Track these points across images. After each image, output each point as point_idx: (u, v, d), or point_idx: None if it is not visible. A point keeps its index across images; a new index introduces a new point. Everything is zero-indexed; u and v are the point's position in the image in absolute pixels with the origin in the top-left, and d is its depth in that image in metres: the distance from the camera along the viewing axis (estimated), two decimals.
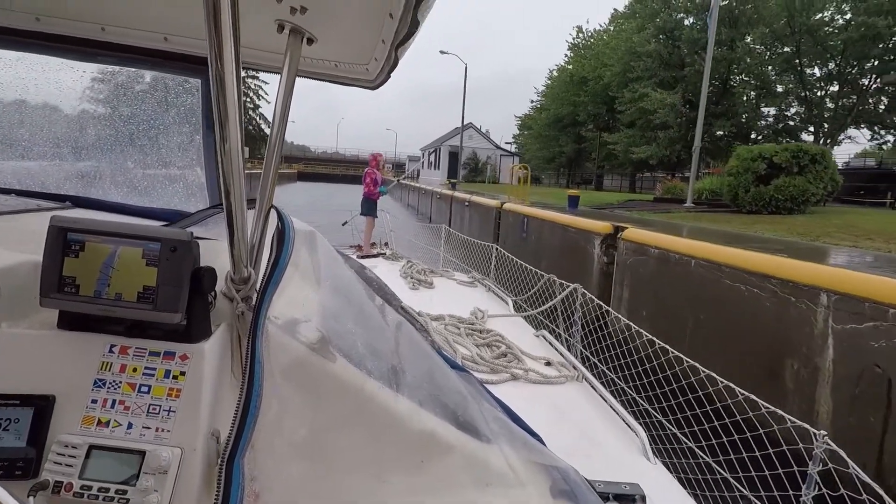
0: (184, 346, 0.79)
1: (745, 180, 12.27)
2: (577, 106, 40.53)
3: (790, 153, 11.77)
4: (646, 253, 6.94)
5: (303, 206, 27.59)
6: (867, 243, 7.18)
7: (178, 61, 1.53)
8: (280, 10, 0.94)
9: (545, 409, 2.17)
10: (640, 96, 30.09)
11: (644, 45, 30.61)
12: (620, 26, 36.93)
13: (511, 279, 5.78)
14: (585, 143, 42.13)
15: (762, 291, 4.91)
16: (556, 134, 44.93)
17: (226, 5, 0.62)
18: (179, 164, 1.78)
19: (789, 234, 8.26)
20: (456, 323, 2.97)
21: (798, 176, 11.71)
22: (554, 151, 45.41)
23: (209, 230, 1.17)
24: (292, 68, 0.98)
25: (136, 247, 0.78)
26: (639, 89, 30.57)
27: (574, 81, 40.85)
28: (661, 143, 30.32)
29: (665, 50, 30.53)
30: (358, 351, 0.91)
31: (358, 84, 1.44)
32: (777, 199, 11.85)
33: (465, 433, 0.96)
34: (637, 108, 30.69)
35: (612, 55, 34.39)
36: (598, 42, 41.16)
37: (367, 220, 9.03)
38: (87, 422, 0.75)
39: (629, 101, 31.61)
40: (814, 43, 26.54)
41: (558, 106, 43.00)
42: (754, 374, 4.74)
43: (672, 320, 6.22)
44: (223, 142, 0.72)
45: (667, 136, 29.97)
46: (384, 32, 1.01)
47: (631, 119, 32.47)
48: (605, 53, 36.49)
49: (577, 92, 40.16)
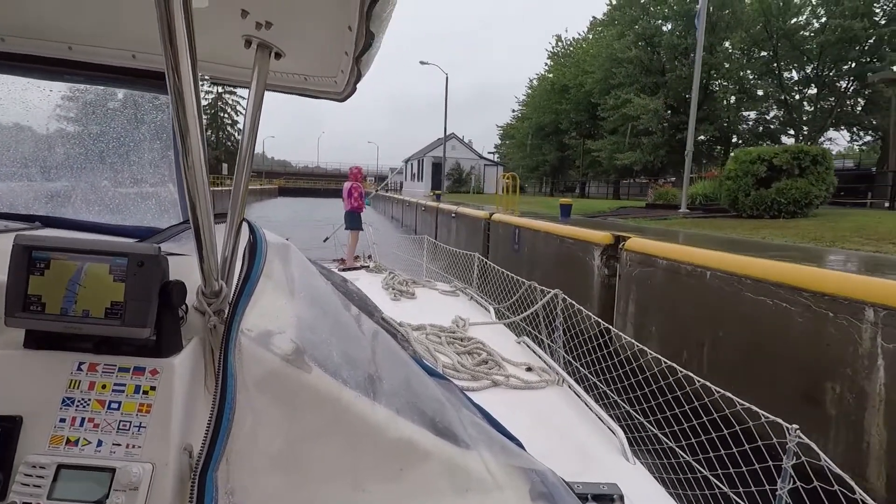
0: (154, 360, 0.79)
1: (745, 184, 11.78)
2: (560, 114, 40.72)
3: (790, 154, 11.36)
4: (653, 264, 6.43)
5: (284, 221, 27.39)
6: (891, 248, 6.59)
7: (147, 78, 1.53)
8: (246, 25, 0.95)
9: (526, 413, 2.19)
10: (623, 102, 30.20)
11: (625, 52, 30.78)
12: (600, 34, 37.22)
13: (494, 287, 5.81)
14: (569, 151, 42.26)
15: (793, 306, 4.42)
16: (538, 142, 44.94)
17: (180, 19, 0.63)
18: (151, 180, 1.78)
19: (801, 239, 7.80)
20: (437, 332, 2.98)
21: (799, 178, 11.26)
22: (537, 160, 45.53)
23: (181, 246, 1.17)
24: (261, 82, 1.00)
25: (102, 262, 0.78)
26: (621, 95, 30.70)
27: (555, 90, 41.15)
28: (645, 149, 30.48)
29: (645, 56, 30.79)
30: (334, 361, 0.92)
31: (327, 96, 1.46)
32: (779, 203, 11.36)
33: (443, 439, 0.96)
34: (620, 114, 30.78)
35: (593, 62, 34.60)
36: (577, 50, 41.54)
37: (352, 234, 9.06)
38: (56, 441, 0.74)
39: (612, 108, 31.70)
40: (791, 47, 26.89)
41: (540, 114, 43.19)
42: (787, 397, 4.35)
43: (686, 338, 5.70)
44: (185, 155, 0.73)
45: (651, 141, 30.14)
46: (346, 45, 1.04)
47: (614, 126, 32.57)
48: (585, 61, 36.82)
49: (559, 100, 40.43)
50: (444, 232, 18.80)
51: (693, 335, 5.59)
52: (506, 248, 12.07)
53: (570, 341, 3.91)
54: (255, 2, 0.90)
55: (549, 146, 44.03)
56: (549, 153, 44.17)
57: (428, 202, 23.71)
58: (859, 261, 5.73)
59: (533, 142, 45.01)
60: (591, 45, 37.65)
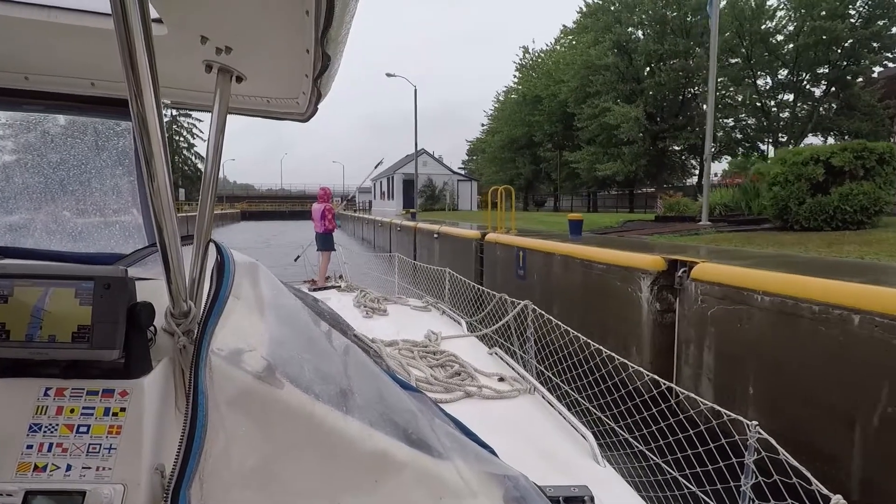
0: (123, 382, 0.80)
1: (798, 190, 9.72)
2: (533, 126, 40.34)
3: (852, 153, 9.36)
4: (746, 301, 4.67)
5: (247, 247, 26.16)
6: None
7: (107, 105, 1.54)
8: (206, 51, 0.98)
9: (498, 422, 2.23)
10: (602, 111, 29.76)
11: (602, 59, 30.26)
12: (571, 41, 36.74)
13: (465, 301, 5.85)
14: (544, 164, 41.80)
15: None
16: (511, 156, 44.52)
17: (140, 47, 0.66)
18: (114, 206, 1.77)
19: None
20: (410, 347, 3.01)
21: (864, 181, 9.32)
22: (511, 174, 44.78)
23: (148, 269, 1.18)
24: (223, 106, 1.02)
25: (67, 287, 0.79)
26: (599, 104, 30.27)
27: (527, 101, 40.77)
28: (626, 159, 29.96)
29: (622, 63, 30.52)
30: (305, 376, 0.94)
31: (290, 118, 1.50)
32: (843, 212, 9.33)
33: (417, 450, 0.99)
34: (598, 123, 30.38)
35: (567, 70, 33.94)
36: (547, 60, 41.04)
37: (324, 255, 9.03)
38: (23, 468, 0.75)
39: (589, 118, 31.28)
40: (765, 51, 26.71)
41: (512, 127, 42.80)
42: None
43: (818, 414, 3.97)
44: (151, 180, 0.75)
45: (631, 151, 29.72)
46: (305, 67, 1.08)
47: (591, 135, 32.15)
48: (558, 69, 36.04)
49: (532, 111, 40.01)
50: (425, 254, 17.06)
51: (833, 410, 3.85)
52: (507, 274, 10.12)
53: (541, 350, 3.97)
54: (214, 28, 0.93)
55: (522, 159, 43.78)
56: (523, 166, 43.81)
57: (403, 221, 21.86)
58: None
59: (506, 155, 44.61)
60: (563, 54, 37.29)
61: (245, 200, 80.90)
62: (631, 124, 28.29)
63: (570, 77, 33.18)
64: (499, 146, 45.06)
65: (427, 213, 32.33)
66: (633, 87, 30.43)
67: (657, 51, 29.09)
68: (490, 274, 11.13)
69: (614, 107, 28.60)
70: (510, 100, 45.54)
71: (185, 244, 0.86)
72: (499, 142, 44.91)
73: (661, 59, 29.32)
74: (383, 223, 26.50)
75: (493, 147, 46.64)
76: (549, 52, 42.00)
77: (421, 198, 36.90)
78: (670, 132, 30.10)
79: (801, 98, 27.41)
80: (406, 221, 21.47)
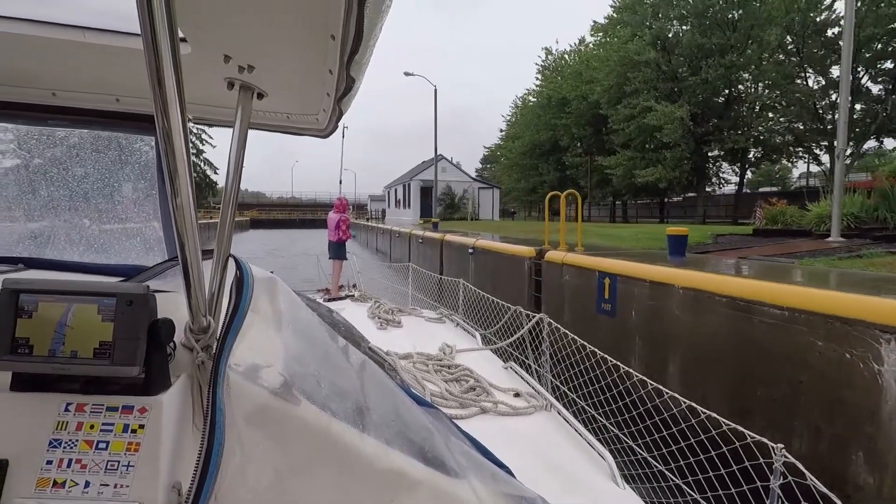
0: (142, 398, 0.80)
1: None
2: (558, 130, 38.10)
3: None
4: None
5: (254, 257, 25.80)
6: None
7: (131, 121, 1.57)
8: (229, 69, 1.01)
9: (514, 440, 2.21)
10: (642, 111, 27.63)
11: (642, 54, 27.92)
12: (603, 38, 34.54)
13: (480, 313, 5.82)
14: (572, 170, 38.90)
15: None
16: (533, 162, 42.06)
17: (168, 65, 0.67)
18: (136, 219, 1.81)
19: None
20: (424, 360, 3.02)
21: None
22: (534, 181, 42.33)
23: (167, 283, 1.20)
24: (244, 122, 1.04)
25: (90, 303, 0.80)
26: (638, 103, 28.03)
27: (552, 104, 38.60)
28: (668, 164, 27.43)
29: (663, 59, 28.46)
30: (322, 393, 0.95)
31: (309, 133, 1.53)
32: None
33: (433, 469, 1.01)
34: (636, 125, 28.22)
35: (602, 68, 31.46)
36: (574, 59, 39.09)
37: (336, 264, 9.10)
38: (42, 484, 0.75)
39: (626, 119, 29.09)
40: (819, 46, 24.16)
41: (534, 132, 40.67)
42: None
43: None
44: (174, 195, 0.76)
45: (674, 155, 27.25)
46: (327, 87, 1.09)
47: (627, 139, 29.83)
48: (589, 68, 34.16)
49: (558, 114, 37.87)
50: (454, 272, 12.99)
51: None
52: (582, 306, 7.45)
53: (556, 365, 3.92)
54: (237, 47, 0.96)
55: (546, 166, 41.15)
56: (547, 173, 41.02)
57: (426, 232, 18.55)
58: None
59: (527, 162, 42.34)
60: (593, 53, 35.35)
61: (255, 208, 79.99)
62: (675, 125, 26.04)
63: (604, 75, 30.97)
64: (520, 152, 42.91)
65: (447, 222, 28.76)
66: (674, 86, 28.30)
67: (704, 45, 26.68)
68: (553, 302, 8.29)
69: (657, 106, 26.54)
70: (532, 103, 43.66)
71: (204, 258, 0.86)
72: (520, 148, 42.77)
73: (707, 54, 26.83)
74: (401, 234, 23.19)
75: (513, 154, 44.62)
76: (575, 51, 40.48)
77: (439, 206, 34.33)
78: (714, 135, 27.79)
79: (860, 97, 23.95)
80: (429, 233, 18.28)
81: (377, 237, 31.63)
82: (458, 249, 13.65)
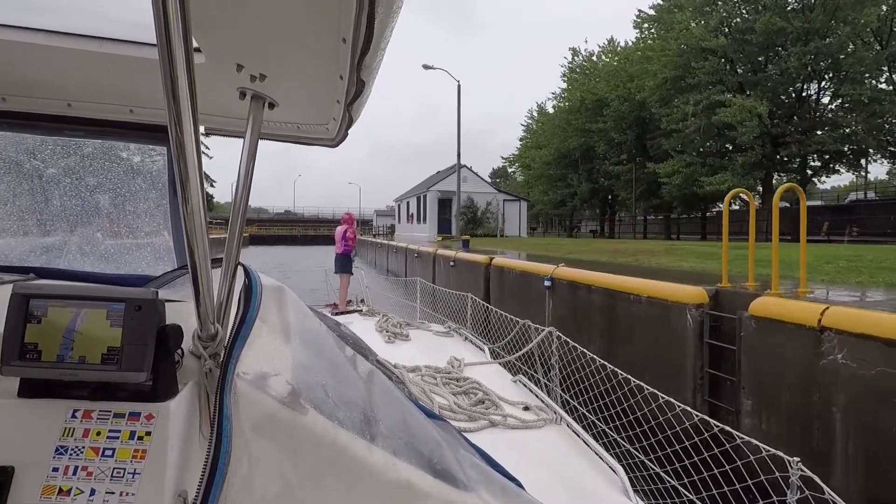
0: (149, 405, 0.80)
1: None
2: (593, 135, 33.45)
3: None
4: None
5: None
6: None
7: (143, 131, 1.59)
8: (241, 78, 1.01)
9: (524, 453, 2.17)
10: (711, 106, 22.84)
11: (709, 39, 23.22)
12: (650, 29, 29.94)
13: (488, 327, 5.79)
14: (611, 180, 34.03)
15: None
16: (562, 172, 37.73)
17: (182, 76, 0.67)
18: (147, 229, 1.81)
19: None
20: (432, 373, 2.98)
21: None
22: (563, 193, 37.92)
23: (176, 291, 1.19)
24: (255, 132, 1.04)
25: (99, 308, 0.80)
26: (702, 99, 23.53)
27: (586, 107, 34.21)
28: (738, 170, 22.84)
29: (732, 47, 23.60)
30: (330, 402, 0.93)
31: (319, 143, 1.53)
32: None
33: (442, 481, 0.98)
34: (700, 124, 23.48)
35: (657, 59, 26.75)
36: (612, 57, 35.27)
37: (344, 278, 9.10)
38: (48, 491, 0.74)
39: (684, 117, 24.41)
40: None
41: (562, 139, 36.33)
42: None
43: None
44: (185, 203, 0.76)
45: (746, 159, 22.64)
46: (338, 94, 1.09)
47: (682, 141, 25.35)
48: (636, 62, 30.00)
49: (593, 118, 33.43)
50: (514, 309, 6.71)
51: None
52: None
53: (566, 378, 3.88)
54: (250, 56, 0.96)
55: (576, 175, 36.65)
56: (578, 184, 36.52)
57: (458, 253, 13.96)
58: None
59: (554, 172, 38.26)
60: (639, 45, 30.90)
61: (255, 223, 75.19)
62: (754, 123, 21.23)
63: (659, 66, 26.25)
64: (544, 162, 38.65)
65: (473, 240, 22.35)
66: (741, 79, 23.83)
67: (785, 30, 21.70)
68: (777, 403, 4.51)
69: (733, 100, 21.87)
70: (558, 108, 39.70)
71: (213, 267, 0.86)
72: (545, 157, 38.36)
73: (791, 41, 22.04)
74: (422, 254, 18.50)
75: (536, 163, 40.32)
76: (608, 50, 36.56)
77: (461, 220, 29.02)
78: (793, 136, 22.91)
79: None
80: (463, 253, 13.78)
81: (388, 255, 27.40)
82: (522, 279, 9.43)
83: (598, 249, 14.24)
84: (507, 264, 10.45)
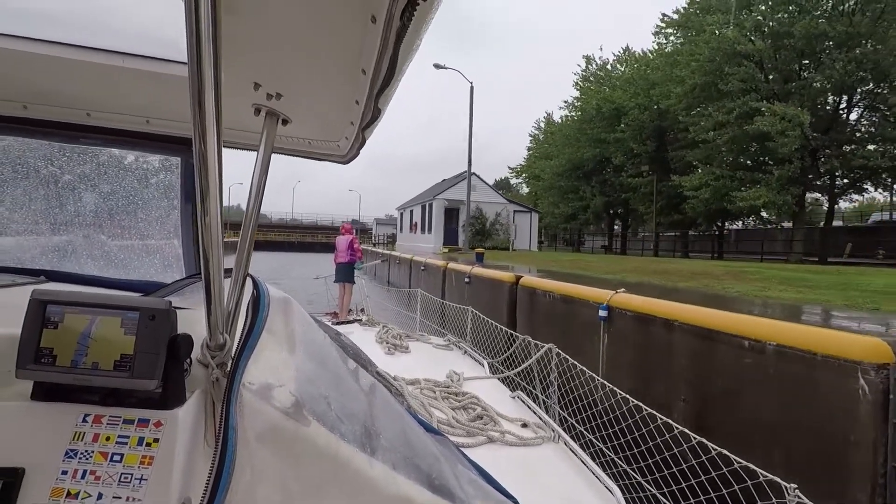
0: (158, 412, 0.81)
1: None
2: (609, 146, 31.52)
3: None
4: None
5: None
6: None
7: (159, 142, 1.62)
8: (257, 96, 1.04)
9: (521, 471, 2.17)
10: (746, 114, 20.99)
11: (743, 43, 21.40)
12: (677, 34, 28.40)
13: (488, 341, 5.78)
14: (628, 193, 31.87)
15: None
16: (573, 184, 35.47)
17: (210, 94, 0.70)
18: (157, 236, 1.84)
19: None
20: (432, 386, 2.97)
21: None
22: (575, 206, 35.67)
23: (186, 299, 1.21)
24: (268, 147, 1.07)
25: (114, 316, 0.82)
26: (735, 107, 21.77)
27: (602, 116, 32.22)
28: (774, 185, 20.46)
29: (767, 53, 21.76)
30: (332, 415, 0.94)
31: (330, 159, 1.55)
32: None
33: (439, 496, 0.98)
34: (734, 133, 21.79)
35: (686, 64, 24.82)
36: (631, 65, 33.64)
37: (346, 287, 9.09)
38: (56, 494, 0.75)
39: (716, 126, 22.61)
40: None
41: (574, 149, 34.09)
42: None
43: None
44: (204, 215, 0.78)
45: (783, 173, 20.36)
46: (352, 116, 1.12)
47: (710, 152, 23.65)
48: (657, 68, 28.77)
49: (609, 128, 31.53)
50: (572, 351, 4.27)
51: None
52: None
53: (564, 396, 3.87)
54: (267, 76, 0.98)
55: (589, 188, 34.50)
56: (591, 197, 34.34)
57: (474, 268, 11.71)
58: None
59: (566, 184, 36.00)
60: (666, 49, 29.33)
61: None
62: (796, 133, 19.07)
63: (688, 73, 24.39)
64: (556, 172, 36.22)
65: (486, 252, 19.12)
66: (775, 87, 21.74)
67: (827, 34, 19.92)
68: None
69: (773, 107, 19.85)
70: (569, 118, 37.62)
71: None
72: (555, 168, 36.07)
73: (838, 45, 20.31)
74: (429, 267, 16.41)
75: (546, 174, 37.92)
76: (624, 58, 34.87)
77: (468, 231, 27.19)
78: (833, 148, 21.02)
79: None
80: (479, 268, 11.59)
81: (390, 267, 25.29)
82: (563, 306, 7.22)
83: (638, 269, 11.62)
84: (542, 286, 8.09)
